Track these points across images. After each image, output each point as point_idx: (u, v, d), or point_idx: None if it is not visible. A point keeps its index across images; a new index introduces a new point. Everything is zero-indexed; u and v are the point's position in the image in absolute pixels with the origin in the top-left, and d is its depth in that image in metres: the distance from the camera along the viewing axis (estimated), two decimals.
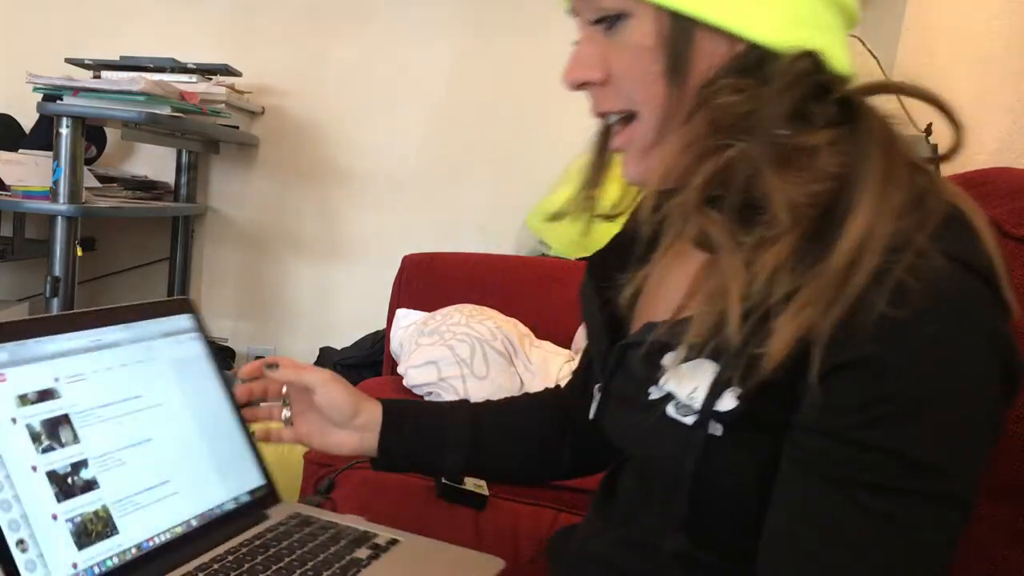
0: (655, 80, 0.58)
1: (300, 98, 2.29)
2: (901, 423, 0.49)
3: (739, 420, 0.54)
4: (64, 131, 1.66)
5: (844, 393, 0.50)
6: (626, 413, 0.66)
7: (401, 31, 2.25)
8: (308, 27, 2.27)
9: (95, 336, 0.72)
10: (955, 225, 0.53)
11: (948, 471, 0.50)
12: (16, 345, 0.66)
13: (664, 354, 0.59)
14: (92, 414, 0.69)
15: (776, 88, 0.55)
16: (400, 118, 2.26)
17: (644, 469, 0.68)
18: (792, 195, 0.53)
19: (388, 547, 0.76)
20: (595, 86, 0.62)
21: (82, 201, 1.72)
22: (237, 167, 2.34)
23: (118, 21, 2.29)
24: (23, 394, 0.64)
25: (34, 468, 0.63)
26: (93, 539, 0.64)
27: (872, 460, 0.50)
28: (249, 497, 0.80)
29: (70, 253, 1.69)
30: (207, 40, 2.26)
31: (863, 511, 0.50)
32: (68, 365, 0.69)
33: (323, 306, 2.35)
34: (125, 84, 1.72)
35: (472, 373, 1.56)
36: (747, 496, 0.57)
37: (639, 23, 0.58)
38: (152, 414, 0.74)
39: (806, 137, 0.54)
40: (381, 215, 2.30)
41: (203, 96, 1.96)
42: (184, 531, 0.72)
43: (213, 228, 2.36)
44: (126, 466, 0.70)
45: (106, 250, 2.33)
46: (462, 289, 1.81)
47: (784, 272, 0.52)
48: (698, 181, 0.56)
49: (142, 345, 0.76)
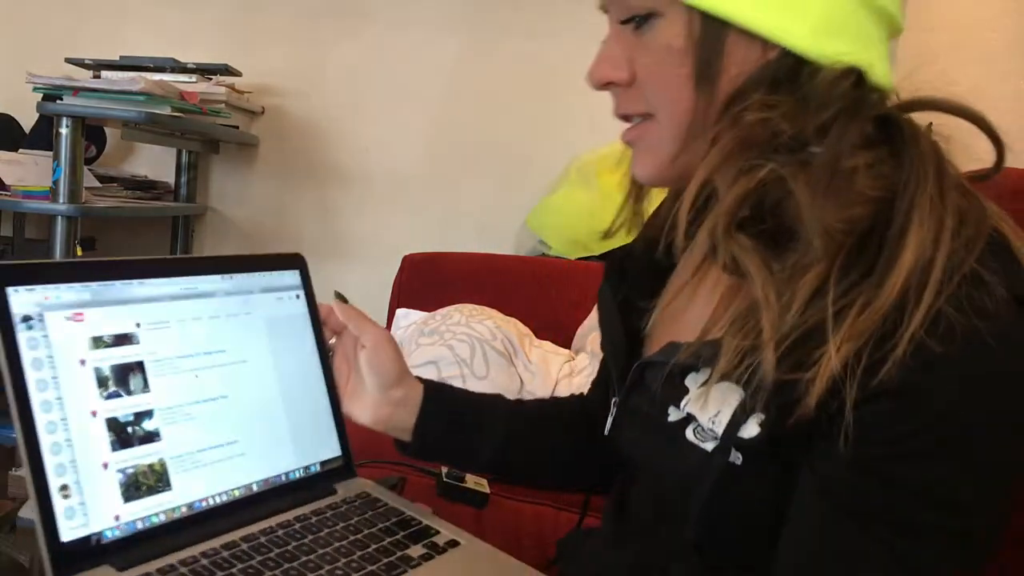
0: (682, 83, 0.56)
1: (300, 98, 2.29)
2: (931, 460, 0.47)
3: (761, 448, 0.52)
4: (64, 131, 1.66)
5: (876, 423, 0.47)
6: (642, 432, 0.64)
7: (401, 31, 2.25)
8: (308, 27, 2.27)
9: (190, 283, 0.70)
10: (999, 252, 0.50)
11: (973, 509, 0.48)
12: (102, 286, 0.63)
13: (687, 375, 0.58)
14: (169, 364, 0.66)
15: (814, 106, 0.52)
16: (400, 118, 2.26)
17: (657, 487, 0.66)
18: (827, 220, 0.50)
19: (445, 549, 0.71)
20: (619, 87, 0.60)
21: (82, 201, 1.72)
22: (237, 167, 2.34)
23: (118, 21, 2.29)
24: (99, 336, 0.62)
25: (94, 413, 0.61)
26: (143, 493, 0.62)
27: (897, 497, 0.48)
28: (320, 468, 0.76)
29: (70, 253, 1.69)
30: (207, 40, 2.26)
31: (884, 548, 0.48)
32: (154, 311, 0.66)
33: None
34: (125, 84, 1.72)
35: (472, 373, 1.56)
36: (761, 523, 0.55)
37: (669, 23, 0.55)
38: (233, 370, 0.71)
39: (844, 158, 0.51)
40: (381, 215, 2.30)
41: (203, 96, 1.96)
42: (242, 495, 0.69)
43: (213, 228, 2.36)
44: (194, 421, 0.67)
45: (106, 250, 2.33)
46: (462, 289, 1.81)
47: (818, 301, 0.50)
48: (728, 203, 0.53)
49: (239, 298, 0.73)
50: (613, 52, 0.59)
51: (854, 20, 0.55)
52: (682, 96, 0.56)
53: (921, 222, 0.49)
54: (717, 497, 0.54)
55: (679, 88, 0.56)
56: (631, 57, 0.58)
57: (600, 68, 0.60)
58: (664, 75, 0.57)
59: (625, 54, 0.59)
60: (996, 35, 1.32)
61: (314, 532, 0.68)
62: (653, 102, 0.58)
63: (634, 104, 0.60)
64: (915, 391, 0.46)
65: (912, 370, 0.46)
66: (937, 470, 0.47)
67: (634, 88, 0.59)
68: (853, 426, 0.47)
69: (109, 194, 2.05)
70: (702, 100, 0.55)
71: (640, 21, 0.57)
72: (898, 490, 0.48)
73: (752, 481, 0.54)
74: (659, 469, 0.63)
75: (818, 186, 0.50)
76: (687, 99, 0.56)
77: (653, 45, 0.57)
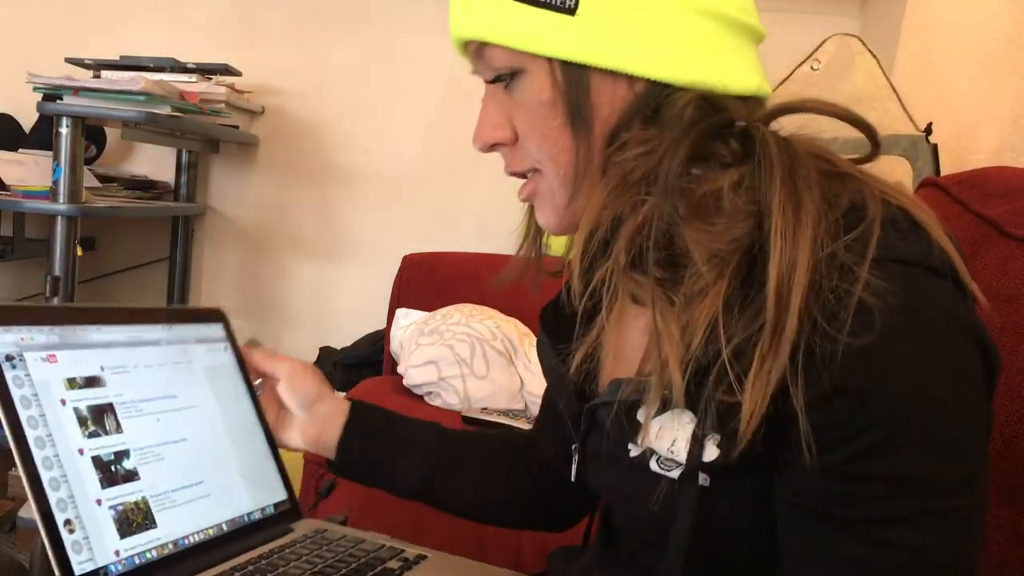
0: (559, 133, 0.57)
1: (300, 98, 2.29)
2: (894, 447, 0.47)
3: (726, 467, 0.52)
4: (64, 131, 1.66)
5: (831, 428, 0.47)
6: (608, 472, 0.63)
7: (401, 31, 2.25)
8: (308, 27, 2.27)
9: (137, 332, 0.73)
10: (899, 226, 0.50)
11: (953, 481, 0.48)
12: (66, 329, 0.66)
13: (636, 410, 0.58)
14: (134, 406, 0.69)
15: (673, 137, 0.53)
16: (400, 118, 2.26)
17: (635, 519, 0.66)
18: (711, 245, 0.51)
19: (418, 561, 0.75)
20: (505, 146, 0.61)
21: (82, 201, 1.72)
22: (237, 167, 2.34)
23: (118, 21, 2.29)
24: (72, 377, 0.65)
25: (81, 451, 0.63)
26: (134, 529, 0.64)
27: (875, 491, 0.48)
28: (274, 510, 0.80)
29: (70, 253, 1.69)
30: (207, 40, 2.26)
31: (879, 546, 0.48)
32: (113, 356, 0.69)
33: (323, 306, 2.35)
34: (125, 84, 1.72)
35: (472, 373, 1.56)
36: (744, 539, 0.55)
37: (533, 78, 0.57)
38: (187, 415, 0.74)
39: (711, 181, 0.52)
40: (381, 215, 2.30)
41: (203, 96, 1.96)
42: (216, 534, 0.72)
43: (213, 228, 2.36)
44: (164, 462, 0.69)
45: (106, 250, 2.33)
46: (462, 289, 1.82)
47: (725, 321, 0.50)
48: (621, 243, 0.54)
49: (179, 347, 0.77)
50: (492, 114, 0.60)
51: (710, 40, 0.56)
52: (561, 145, 0.57)
53: (776, 227, 0.49)
54: (698, 525, 0.54)
55: (556, 138, 0.57)
56: (509, 116, 0.59)
57: (483, 131, 0.61)
58: (540, 128, 0.58)
59: (503, 113, 0.60)
60: (996, 35, 1.32)
61: (295, 559, 0.72)
62: (537, 156, 0.59)
63: (520, 161, 0.61)
64: (855, 389, 0.47)
65: (845, 369, 0.46)
66: (901, 458, 0.47)
67: (518, 146, 0.60)
68: (813, 436, 0.47)
69: (109, 194, 2.05)
70: (582, 145, 0.56)
71: (507, 80, 0.58)
72: (872, 485, 0.48)
73: (725, 500, 0.54)
74: (631, 503, 0.62)
75: (697, 212, 0.51)
76: (567, 148, 0.57)
77: (524, 101, 0.58)
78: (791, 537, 0.52)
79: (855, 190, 0.52)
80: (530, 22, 0.55)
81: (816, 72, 1.53)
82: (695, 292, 0.51)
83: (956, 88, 1.44)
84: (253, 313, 2.37)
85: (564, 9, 0.54)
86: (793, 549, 0.52)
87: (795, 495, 0.51)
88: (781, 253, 0.48)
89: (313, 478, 1.37)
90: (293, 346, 2.35)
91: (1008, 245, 0.71)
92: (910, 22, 1.74)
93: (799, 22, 2.09)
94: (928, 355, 0.47)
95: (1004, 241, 0.72)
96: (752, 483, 0.53)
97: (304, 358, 2.60)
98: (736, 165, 0.53)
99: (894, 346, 0.46)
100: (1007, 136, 1.22)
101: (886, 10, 1.96)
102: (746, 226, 0.51)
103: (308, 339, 2.32)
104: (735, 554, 0.57)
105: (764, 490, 0.53)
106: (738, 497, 0.54)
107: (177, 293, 2.32)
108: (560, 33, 0.54)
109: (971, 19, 1.42)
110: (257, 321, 2.37)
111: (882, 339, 0.46)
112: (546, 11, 0.54)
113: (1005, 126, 1.22)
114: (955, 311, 0.49)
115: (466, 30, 0.59)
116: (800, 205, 0.49)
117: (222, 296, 2.38)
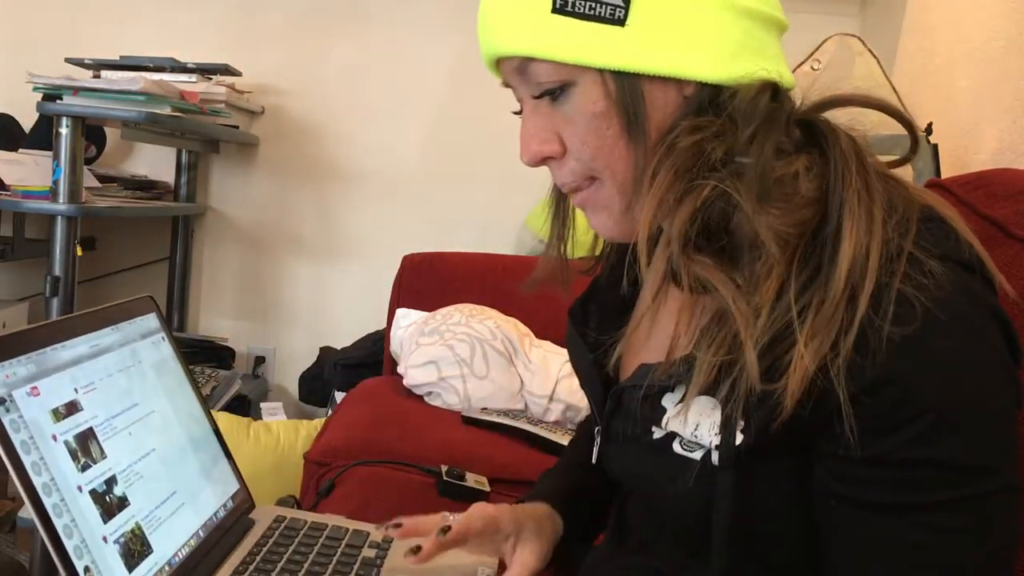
0: (615, 142, 0.57)
1: (300, 98, 2.29)
2: (941, 434, 0.49)
3: (748, 454, 0.54)
4: (64, 131, 1.66)
5: (877, 418, 0.49)
6: (630, 453, 0.65)
7: (401, 31, 2.25)
8: (308, 27, 2.27)
9: (94, 340, 0.69)
10: (933, 224, 0.53)
11: (996, 464, 0.50)
12: (39, 355, 0.62)
13: (663, 395, 0.59)
14: (109, 426, 0.66)
15: (741, 122, 0.54)
16: (400, 118, 2.26)
17: (652, 504, 0.67)
18: (779, 227, 0.52)
19: (389, 544, 0.76)
20: (554, 159, 0.60)
21: (82, 201, 1.72)
22: (237, 167, 2.34)
23: (118, 21, 2.29)
24: (55, 408, 0.61)
25: (79, 488, 0.60)
26: (137, 560, 0.62)
27: (924, 477, 0.49)
28: (232, 503, 0.79)
29: (70, 253, 1.69)
30: (207, 40, 2.26)
31: (933, 531, 0.50)
32: (82, 374, 0.66)
33: (323, 306, 2.35)
34: (125, 84, 1.72)
35: (472, 373, 1.56)
36: (773, 526, 0.57)
37: (586, 90, 0.56)
38: (149, 424, 0.72)
39: (774, 166, 0.53)
40: (381, 215, 2.30)
41: (203, 96, 1.95)
42: (196, 543, 0.71)
43: (213, 228, 2.36)
44: (144, 480, 0.67)
45: (106, 250, 2.33)
46: (462, 289, 1.81)
47: (780, 304, 0.52)
48: (678, 226, 0.54)
49: (128, 349, 0.73)
50: (538, 128, 0.59)
51: (748, 37, 0.57)
52: (618, 154, 0.57)
53: (852, 215, 0.51)
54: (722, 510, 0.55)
55: (613, 147, 0.57)
56: (555, 129, 0.59)
57: (531, 146, 0.60)
58: (595, 140, 0.57)
59: (549, 127, 0.59)
60: (996, 35, 1.32)
61: (276, 560, 0.72)
62: (593, 166, 0.59)
63: (573, 173, 0.60)
64: (901, 378, 0.49)
65: (891, 359, 0.48)
66: (947, 444, 0.49)
67: (568, 158, 0.59)
68: (858, 425, 0.49)
69: (109, 194, 2.05)
70: (639, 152, 0.57)
71: (555, 94, 0.57)
72: (924, 471, 0.49)
73: (750, 486, 0.55)
74: (651, 486, 0.64)
75: (764, 195, 0.53)
76: (624, 156, 0.57)
77: (575, 113, 0.57)
78: (837, 529, 0.54)
79: (896, 184, 0.55)
80: (579, 36, 0.55)
81: (816, 72, 1.53)
82: (762, 273, 0.52)
83: (956, 88, 1.44)
84: (253, 313, 2.37)
85: (614, 21, 0.54)
86: (839, 541, 0.54)
87: (842, 485, 0.52)
88: (856, 240, 0.50)
89: (313, 478, 1.37)
90: (293, 346, 2.35)
91: (1013, 246, 0.72)
92: (910, 22, 1.74)
93: (799, 22, 2.08)
94: (968, 346, 0.50)
95: (1009, 242, 0.72)
96: (774, 471, 0.55)
97: (304, 358, 2.59)
98: (798, 153, 0.55)
99: (936, 336, 0.48)
100: (1007, 136, 1.22)
101: (886, 10, 1.96)
102: (811, 211, 0.53)
103: (308, 339, 2.32)
104: (762, 546, 0.58)
105: (789, 482, 0.55)
106: (761, 484, 0.56)
107: (177, 293, 2.32)
108: (611, 44, 0.55)
109: (971, 19, 1.42)
110: (257, 321, 2.37)
111: (925, 330, 0.48)
112: (595, 23, 0.54)
113: (1005, 126, 1.23)
114: (987, 302, 0.52)
115: (508, 47, 0.58)
116: (872, 195, 0.52)
117: (222, 296, 2.38)
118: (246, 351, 2.36)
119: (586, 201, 0.62)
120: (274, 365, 2.37)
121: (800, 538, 0.57)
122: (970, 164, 1.31)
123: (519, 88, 0.60)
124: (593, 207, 0.61)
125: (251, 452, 1.65)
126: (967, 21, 1.44)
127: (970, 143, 1.33)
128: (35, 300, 2.17)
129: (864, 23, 2.12)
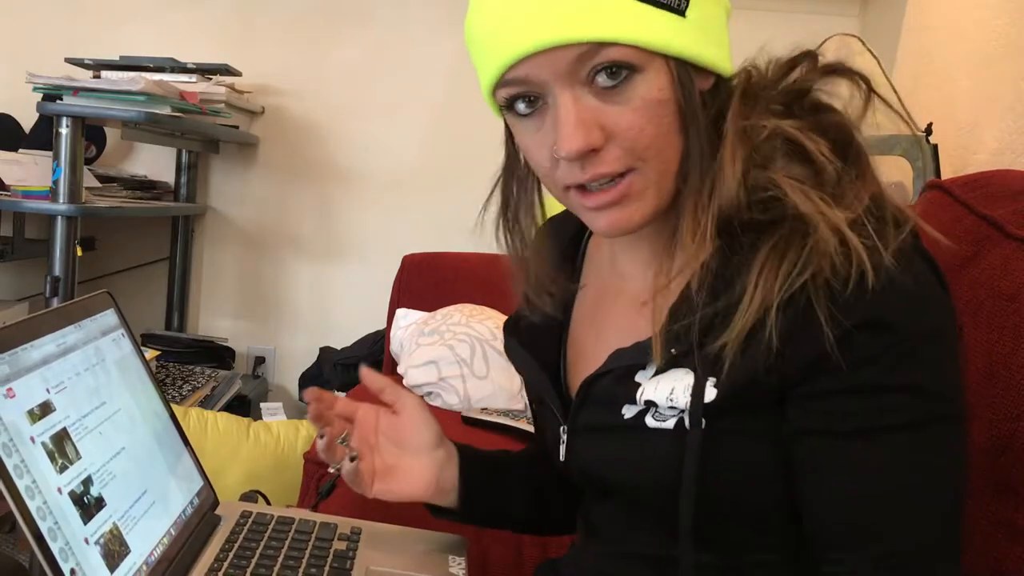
0: (669, 130, 0.58)
1: (300, 98, 2.29)
2: (912, 361, 0.54)
3: (721, 410, 0.57)
4: (64, 131, 1.66)
5: (861, 351, 0.54)
6: (601, 440, 0.65)
7: (401, 31, 2.25)
8: (308, 27, 2.27)
9: (60, 339, 0.68)
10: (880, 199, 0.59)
11: (951, 393, 0.56)
12: (11, 355, 0.61)
13: (635, 373, 0.62)
14: (81, 425, 0.65)
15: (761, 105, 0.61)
16: (400, 118, 2.26)
17: (625, 495, 0.67)
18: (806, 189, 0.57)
19: (358, 535, 0.78)
20: (594, 152, 0.57)
21: (82, 201, 1.72)
22: (237, 167, 2.34)
23: (118, 21, 2.29)
24: (31, 409, 0.60)
25: (59, 491, 0.59)
26: (117, 560, 0.62)
27: (897, 401, 0.55)
28: (198, 500, 0.79)
29: (70, 253, 1.69)
30: (207, 40, 2.26)
31: (906, 450, 0.55)
32: (52, 374, 0.64)
33: (323, 306, 2.35)
34: (125, 84, 1.72)
35: (472, 373, 1.56)
36: (745, 489, 0.59)
37: (654, 76, 0.56)
38: (118, 422, 0.71)
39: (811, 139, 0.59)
40: (381, 215, 2.30)
41: (203, 96, 1.95)
42: (169, 542, 0.70)
43: (213, 228, 2.36)
44: (117, 479, 0.66)
45: (106, 250, 2.33)
46: (462, 289, 1.82)
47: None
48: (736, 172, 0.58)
49: (92, 346, 0.72)
50: (584, 119, 0.56)
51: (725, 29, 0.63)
52: (671, 142, 0.59)
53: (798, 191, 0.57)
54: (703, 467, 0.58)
55: (667, 135, 0.58)
56: (598, 120, 0.57)
57: (577, 138, 0.56)
58: (653, 127, 0.57)
59: (594, 118, 0.57)
60: (996, 35, 1.32)
61: (249, 557, 0.73)
62: (641, 155, 0.58)
63: (613, 164, 0.58)
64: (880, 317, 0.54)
65: (874, 303, 0.54)
66: (921, 368, 0.55)
67: (611, 147, 0.57)
68: (842, 359, 0.54)
69: (109, 194, 2.05)
70: (693, 140, 0.59)
71: (621, 81, 0.56)
72: (898, 396, 0.55)
73: (723, 446, 0.58)
74: (623, 468, 0.64)
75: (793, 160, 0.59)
76: (675, 144, 0.59)
77: (635, 100, 0.56)
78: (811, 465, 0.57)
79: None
80: (653, 22, 0.56)
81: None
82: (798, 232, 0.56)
83: (956, 88, 1.44)
84: (253, 313, 2.38)
85: (677, 10, 0.57)
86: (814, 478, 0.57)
87: (819, 420, 0.56)
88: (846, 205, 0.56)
89: (313, 478, 1.37)
90: (293, 346, 2.35)
91: (1010, 246, 0.72)
92: (910, 22, 1.74)
93: (799, 22, 2.09)
94: (923, 293, 0.56)
95: (1006, 242, 0.72)
96: (746, 431, 0.58)
97: (304, 358, 2.59)
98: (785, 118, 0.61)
99: (905, 282, 0.54)
100: (1007, 136, 1.22)
101: (886, 10, 1.96)
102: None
103: (308, 339, 2.32)
104: (736, 511, 0.60)
105: (760, 433, 0.58)
106: (733, 445, 0.59)
107: (177, 293, 2.32)
108: (678, 32, 0.57)
109: (971, 19, 1.42)
110: (257, 321, 2.37)
111: (897, 276, 0.54)
112: (664, 12, 0.56)
113: (1005, 126, 1.22)
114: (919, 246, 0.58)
115: (587, 31, 0.55)
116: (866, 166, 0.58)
117: (222, 296, 2.38)
118: (246, 351, 2.36)
119: (621, 197, 0.59)
120: (274, 365, 2.37)
121: (764, 511, 0.60)
122: (970, 164, 1.31)
123: (560, 81, 0.57)
124: (626, 199, 0.59)
125: (251, 452, 1.65)
126: (967, 21, 1.44)
127: (970, 143, 1.33)
128: (35, 300, 2.17)
129: (864, 23, 2.12)
